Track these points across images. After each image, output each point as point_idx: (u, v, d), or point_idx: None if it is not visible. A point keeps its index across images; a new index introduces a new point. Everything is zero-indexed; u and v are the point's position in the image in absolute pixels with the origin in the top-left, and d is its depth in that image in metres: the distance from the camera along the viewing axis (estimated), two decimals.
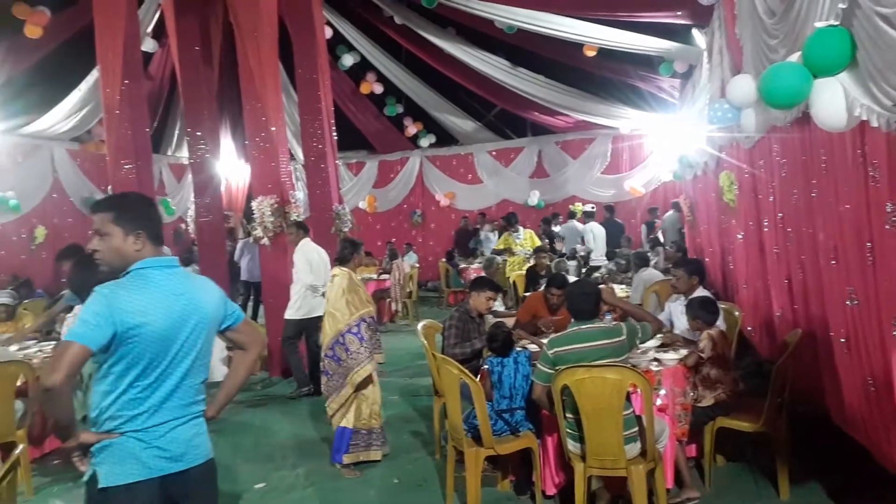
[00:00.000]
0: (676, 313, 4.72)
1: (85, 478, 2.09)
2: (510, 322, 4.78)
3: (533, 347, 4.34)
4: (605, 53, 9.41)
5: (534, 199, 13.35)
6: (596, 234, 10.75)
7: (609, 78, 10.90)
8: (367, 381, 4.42)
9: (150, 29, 10.47)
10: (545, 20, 8.46)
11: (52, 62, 9.68)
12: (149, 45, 10.64)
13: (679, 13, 7.14)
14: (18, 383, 4.39)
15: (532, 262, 8.84)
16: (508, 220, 9.64)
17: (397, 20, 10.59)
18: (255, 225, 7.35)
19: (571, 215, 11.80)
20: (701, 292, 4.49)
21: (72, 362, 1.94)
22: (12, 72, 9.19)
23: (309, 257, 6.45)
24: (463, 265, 10.96)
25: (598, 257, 9.96)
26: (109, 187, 7.72)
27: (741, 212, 5.80)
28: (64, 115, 10.72)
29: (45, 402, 2.05)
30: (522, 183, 13.73)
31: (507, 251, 9.92)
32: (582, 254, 9.95)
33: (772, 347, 4.93)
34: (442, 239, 14.42)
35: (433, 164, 14.76)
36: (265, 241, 7.32)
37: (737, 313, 4.95)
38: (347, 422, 4.43)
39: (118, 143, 7.49)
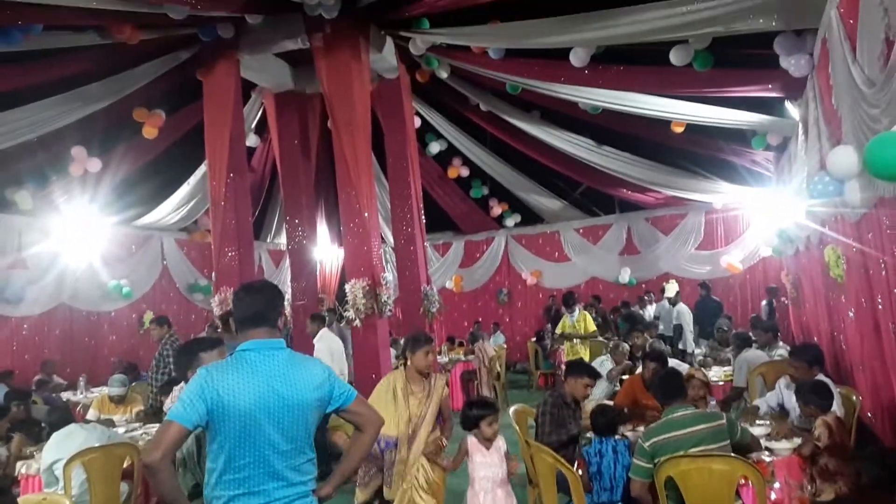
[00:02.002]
0: (788, 397, 4.41)
1: None
2: None
3: (632, 435, 4.14)
4: (694, 128, 9.31)
5: (625, 276, 13.07)
6: (683, 315, 10.38)
7: (699, 152, 10.74)
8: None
9: (252, 125, 11.28)
10: (630, 99, 8.51)
11: (164, 158, 10.56)
12: (251, 140, 11.43)
13: (770, 86, 7.01)
14: (125, 465, 4.57)
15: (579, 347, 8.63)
16: (566, 301, 9.21)
17: (483, 107, 10.94)
18: (349, 307, 7.54)
19: (664, 293, 11.44)
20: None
21: (170, 441, 2.05)
22: (129, 169, 10.07)
23: (331, 346, 6.53)
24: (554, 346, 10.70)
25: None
26: (214, 273, 8.17)
27: (851, 288, 5.44)
28: (173, 207, 11.56)
29: (148, 478, 2.15)
30: (612, 260, 13.51)
31: (563, 336, 9.37)
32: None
33: None
34: (529, 318, 14.28)
35: (519, 242, 14.81)
36: (357, 322, 7.47)
37: (855, 398, 4.57)
38: None
39: (223, 231, 7.98)
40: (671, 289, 11.68)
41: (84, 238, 10.08)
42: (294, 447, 2.20)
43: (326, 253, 14.45)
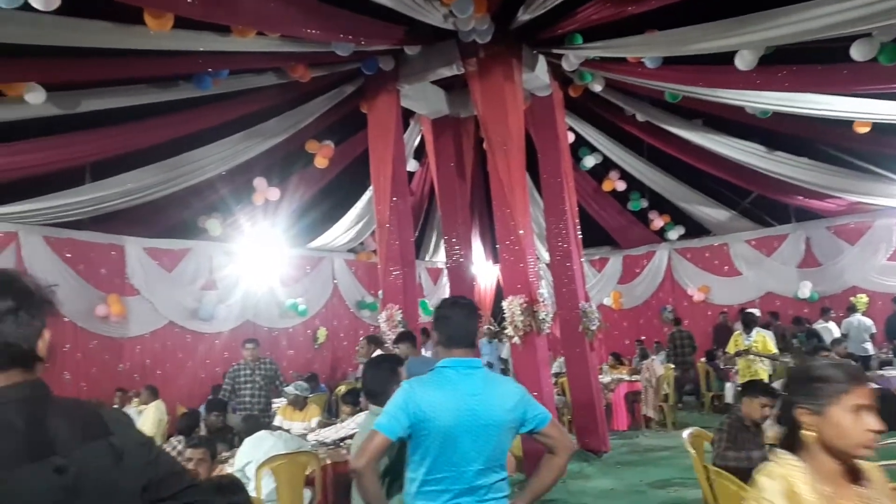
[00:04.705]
0: None
1: None
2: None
3: None
4: (881, 128, 8.41)
5: (805, 290, 12.00)
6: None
7: (887, 153, 9.67)
8: None
9: (412, 151, 11.78)
10: (804, 100, 7.87)
11: (333, 185, 11.33)
12: (411, 165, 11.94)
13: None
14: (307, 472, 4.90)
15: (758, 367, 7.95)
16: (745, 321, 8.48)
17: (640, 118, 10.63)
18: (507, 324, 7.58)
19: (852, 309, 10.36)
20: None
21: (374, 449, 2.18)
22: (303, 196, 10.92)
23: None
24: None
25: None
26: (380, 292, 8.59)
27: None
28: (343, 229, 12.36)
29: (355, 482, 2.27)
30: (789, 274, 12.46)
31: (739, 354, 8.59)
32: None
33: None
34: (697, 336, 13.48)
35: (683, 256, 14.10)
36: (516, 339, 7.49)
37: None
38: None
39: (388, 252, 8.39)
40: (860, 303, 10.57)
41: (264, 261, 11.06)
42: (488, 465, 2.25)
43: (482, 270, 14.67)
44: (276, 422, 6.66)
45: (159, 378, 9.40)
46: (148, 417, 7.51)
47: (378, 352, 6.89)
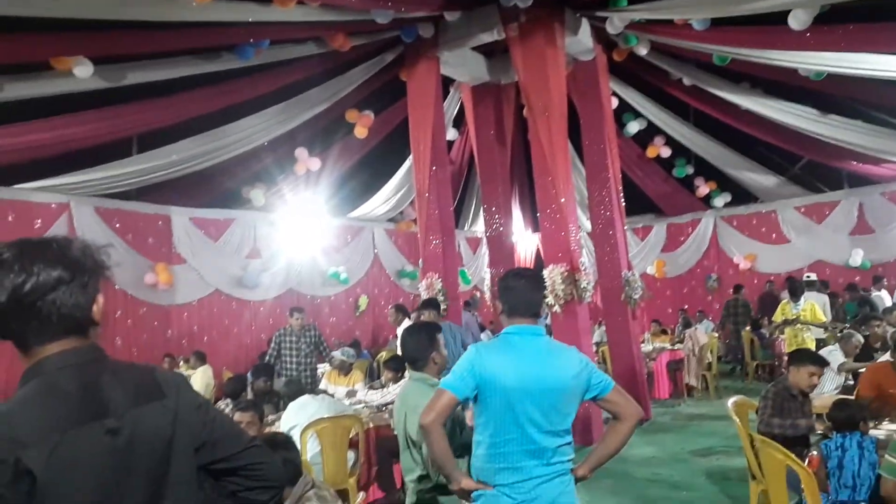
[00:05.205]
0: None
1: None
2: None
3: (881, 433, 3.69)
4: None
5: (857, 258, 11.63)
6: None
7: None
8: None
9: (451, 119, 11.69)
10: (861, 61, 7.52)
11: (373, 155, 11.35)
12: (450, 133, 11.87)
13: None
14: (351, 435, 5.00)
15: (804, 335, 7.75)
16: (791, 289, 8.20)
17: (686, 82, 10.31)
18: (547, 293, 7.55)
19: None
20: None
21: (442, 406, 2.24)
22: (343, 166, 10.98)
23: None
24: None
25: None
26: (420, 260, 8.63)
27: None
28: (382, 199, 12.41)
29: (423, 437, 2.36)
30: (841, 241, 12.07)
31: (786, 323, 8.37)
32: None
33: None
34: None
35: (729, 224, 13.78)
36: (556, 308, 7.46)
37: None
38: None
39: (427, 221, 8.39)
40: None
41: (306, 230, 11.20)
42: (552, 429, 2.29)
43: (521, 239, 14.60)
44: (322, 386, 6.82)
45: (206, 344, 9.67)
46: (196, 382, 7.76)
47: (406, 321, 7.01)
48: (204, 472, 1.43)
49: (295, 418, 4.85)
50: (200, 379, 7.91)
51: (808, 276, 10.39)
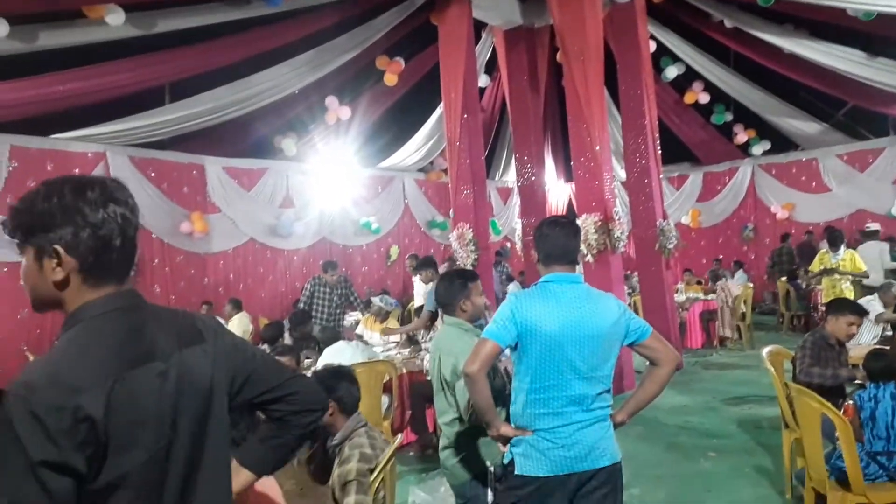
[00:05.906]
0: None
1: (505, 459, 2.38)
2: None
3: None
4: None
5: None
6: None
7: None
8: None
9: (482, 65, 11.46)
10: None
11: (403, 104, 11.23)
12: (482, 80, 11.65)
13: None
14: (384, 380, 5.10)
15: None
16: (830, 239, 7.93)
17: (727, 24, 9.91)
18: (580, 242, 7.48)
19: None
20: None
21: (486, 355, 2.26)
22: (373, 115, 10.89)
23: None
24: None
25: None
26: (451, 211, 8.61)
27: None
28: (413, 149, 12.31)
29: (467, 385, 2.38)
30: (884, 190, 11.69)
31: (824, 273, 8.12)
32: None
33: None
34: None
35: (768, 172, 13.42)
36: (589, 258, 7.40)
37: None
38: None
39: (459, 171, 8.33)
40: None
41: (338, 180, 11.22)
42: (593, 375, 2.31)
43: (553, 188, 14.43)
44: (359, 331, 6.99)
45: (242, 292, 9.85)
46: (233, 328, 7.93)
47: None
48: (239, 412, 1.46)
49: (331, 363, 4.94)
50: (238, 326, 8.09)
51: (869, 226, 10.15)
